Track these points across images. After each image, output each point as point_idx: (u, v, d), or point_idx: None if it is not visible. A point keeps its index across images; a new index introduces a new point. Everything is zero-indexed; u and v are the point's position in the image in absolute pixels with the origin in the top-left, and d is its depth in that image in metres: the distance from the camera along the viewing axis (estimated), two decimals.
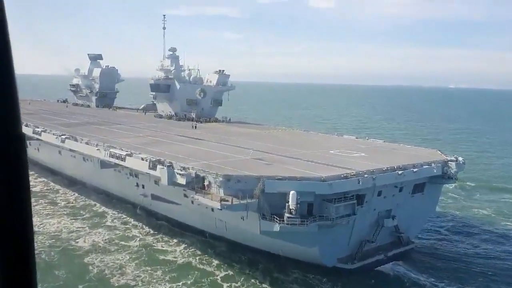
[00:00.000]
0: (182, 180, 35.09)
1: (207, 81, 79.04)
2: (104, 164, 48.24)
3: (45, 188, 59.04)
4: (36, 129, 58.86)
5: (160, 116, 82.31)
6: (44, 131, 57.45)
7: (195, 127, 66.20)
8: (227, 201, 32.42)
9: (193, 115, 77.47)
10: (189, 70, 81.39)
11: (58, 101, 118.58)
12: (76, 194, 55.10)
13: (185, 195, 39.67)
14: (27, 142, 68.61)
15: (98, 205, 51.71)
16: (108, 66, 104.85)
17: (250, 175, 34.05)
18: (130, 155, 42.18)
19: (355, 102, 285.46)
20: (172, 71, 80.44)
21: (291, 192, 31.83)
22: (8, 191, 1.90)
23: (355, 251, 38.73)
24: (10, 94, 1.88)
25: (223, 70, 77.93)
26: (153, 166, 38.71)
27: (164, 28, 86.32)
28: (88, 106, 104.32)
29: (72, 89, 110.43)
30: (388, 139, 65.09)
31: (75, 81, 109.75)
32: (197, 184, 35.51)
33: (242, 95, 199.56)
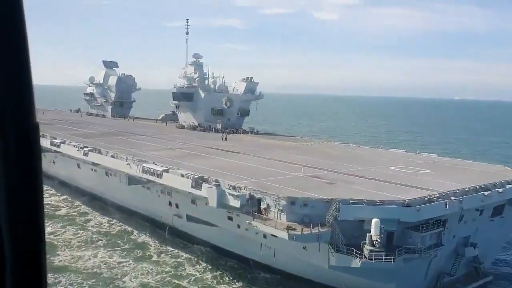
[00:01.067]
0: (235, 203, 29.62)
1: (233, 89, 73.83)
2: (132, 180, 42.99)
3: (72, 211, 51.70)
4: (54, 140, 53.68)
5: (182, 127, 77.07)
6: (63, 143, 52.25)
7: (225, 138, 60.82)
8: (295, 229, 26.86)
9: (219, 125, 72.17)
10: (214, 77, 76.28)
11: (70, 110, 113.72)
12: (107, 218, 48.60)
13: (230, 218, 34.17)
14: (42, 154, 63.07)
15: (135, 232, 45.12)
16: (124, 74, 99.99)
17: (319, 198, 28.53)
18: (167, 171, 36.80)
19: (369, 113, 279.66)
20: (196, 79, 75.34)
21: (374, 220, 26.26)
22: (20, 180, 1.84)
23: (432, 286, 33.03)
24: (26, 83, 1.82)
25: (251, 78, 72.75)
26: (196, 185, 33.31)
27: (187, 33, 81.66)
28: (103, 116, 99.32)
29: (86, 98, 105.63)
30: (424, 151, 58.49)
31: (89, 89, 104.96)
32: (252, 207, 30.02)
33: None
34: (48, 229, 42.66)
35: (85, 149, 47.11)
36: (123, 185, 45.01)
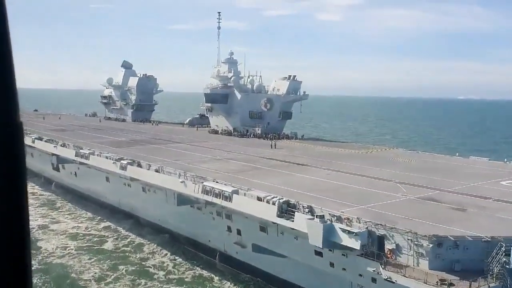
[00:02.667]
0: (352, 242, 21.77)
1: (273, 89, 65.88)
2: (183, 200, 35.34)
3: (121, 244, 41.05)
4: (81, 151, 46.01)
5: (216, 132, 69.27)
6: (93, 154, 44.54)
7: (275, 146, 52.93)
8: (452, 285, 18.92)
9: (259, 130, 64.35)
10: (251, 76, 68.47)
11: (86, 115, 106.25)
12: (166, 251, 38.90)
13: (319, 253, 26.30)
14: (61, 165, 56.56)
15: (197, 267, 36.84)
16: (146, 74, 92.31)
17: (476, 236, 20.59)
18: (236, 192, 29.01)
19: (390, 114, 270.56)
20: (232, 79, 67.54)
21: None
22: (2, 181, 1.80)
23: None
24: (8, 81, 1.80)
25: (295, 76, 64.79)
26: (285, 212, 25.49)
27: (218, 28, 73.77)
28: (124, 120, 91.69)
29: (103, 101, 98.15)
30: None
31: (106, 92, 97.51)
32: (372, 247, 22.13)
33: None
34: (96, 270, 34.66)
35: (122, 161, 39.32)
36: (170, 205, 37.39)
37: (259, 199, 27.68)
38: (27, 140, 58.15)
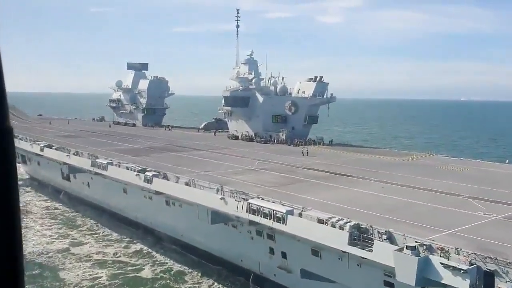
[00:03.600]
0: (458, 282, 17.42)
1: (298, 91, 61.54)
2: (218, 218, 31.06)
3: (159, 270, 35.35)
4: (97, 160, 41.71)
5: (236, 137, 64.95)
6: (111, 163, 40.24)
7: (307, 153, 48.58)
8: None
9: (283, 136, 60.00)
10: (272, 78, 64.14)
11: (93, 119, 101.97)
12: (211, 280, 34.08)
13: (389, 284, 21.94)
14: (72, 175, 52.20)
15: None
16: (157, 76, 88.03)
17: None
18: (291, 212, 24.67)
19: (399, 116, 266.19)
20: (253, 80, 63.26)
21: None
22: None
23: None
24: None
25: (321, 77, 60.44)
26: (357, 239, 21.14)
27: (237, 26, 69.54)
28: (134, 124, 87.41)
29: (112, 105, 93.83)
30: None
31: (115, 95, 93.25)
32: (478, 286, 17.76)
33: None
34: None
35: (147, 174, 34.96)
36: (201, 222, 33.10)
37: (320, 221, 23.32)
38: (35, 148, 53.86)
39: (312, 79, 60.88)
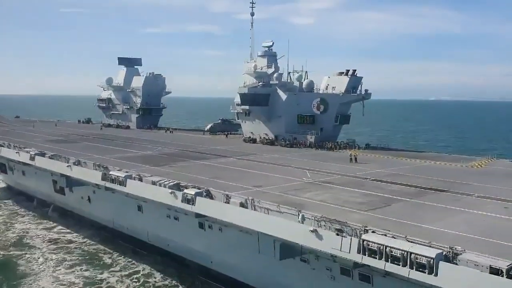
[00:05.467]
0: None
1: (327, 87, 53.75)
2: (289, 252, 23.20)
3: None
4: (111, 173, 33.01)
5: (252, 140, 56.83)
6: (130, 177, 31.62)
7: (355, 159, 40.87)
8: None
9: (311, 138, 52.18)
10: (295, 72, 56.24)
11: (79, 121, 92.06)
12: None
13: None
14: (68, 188, 43.08)
15: None
16: (153, 73, 78.95)
17: None
18: (440, 256, 16.77)
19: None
20: (274, 75, 55.22)
21: None
22: None
23: None
24: None
25: (355, 70, 52.76)
26: None
27: (252, 14, 61.36)
28: (128, 127, 78.21)
29: (101, 105, 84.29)
30: None
31: (104, 94, 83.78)
32: None
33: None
34: None
35: (186, 192, 26.52)
36: (262, 255, 25.09)
37: (494, 271, 15.53)
38: (24, 157, 44.61)
39: (343, 72, 53.16)
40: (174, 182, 28.67)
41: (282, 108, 54.12)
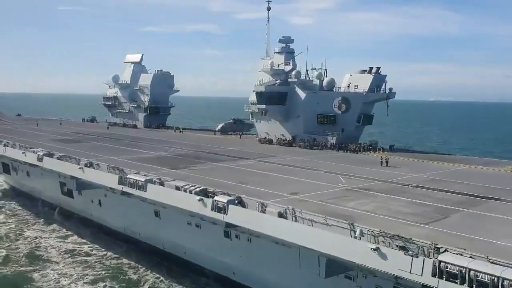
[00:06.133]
0: None
1: (348, 85, 51.04)
2: (335, 268, 20.72)
3: None
4: (129, 177, 30.25)
5: (268, 141, 54.14)
6: (151, 181, 28.85)
7: (386, 163, 38.18)
8: None
9: (333, 139, 49.49)
10: (314, 69, 53.48)
11: (83, 120, 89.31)
12: None
13: None
14: (77, 191, 40.20)
15: None
16: (161, 70, 76.18)
17: None
18: None
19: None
20: (293, 73, 52.47)
21: None
22: None
23: None
24: None
25: (378, 68, 50.05)
26: None
27: (268, 8, 58.59)
28: (135, 126, 75.43)
29: (106, 103, 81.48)
30: None
31: (110, 92, 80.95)
32: None
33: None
34: None
35: (218, 200, 23.75)
36: (302, 270, 22.45)
37: None
38: (31, 158, 41.85)
39: (366, 70, 50.46)
40: (201, 188, 25.93)
41: (301, 107, 51.37)
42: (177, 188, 26.95)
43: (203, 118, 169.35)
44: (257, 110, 54.96)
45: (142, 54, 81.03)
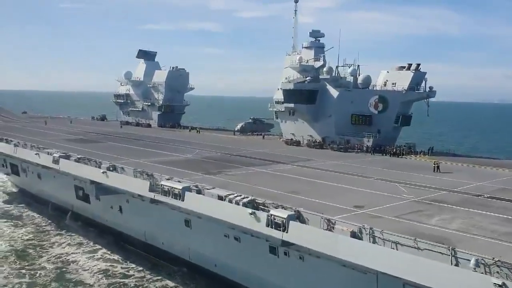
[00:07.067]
0: None
1: (385, 83, 47.31)
2: None
3: None
4: (162, 183, 26.63)
5: (297, 143, 50.46)
6: (188, 189, 25.17)
7: (438, 169, 34.40)
8: None
9: (369, 142, 45.78)
10: (347, 66, 49.73)
11: (93, 118, 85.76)
12: None
13: None
14: (95, 197, 36.19)
15: None
16: (176, 67, 72.55)
17: None
18: None
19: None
20: (324, 69, 48.76)
21: None
22: None
23: None
24: None
25: (418, 65, 46.29)
26: None
27: (296, 1, 54.86)
28: (149, 125, 71.81)
29: (118, 101, 77.85)
30: None
31: (122, 89, 77.34)
32: None
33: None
34: None
35: (275, 214, 20.08)
36: None
37: None
38: (45, 160, 38.22)
39: (404, 67, 46.75)
40: (249, 198, 22.25)
41: (333, 106, 47.68)
42: (220, 198, 23.28)
43: (210, 117, 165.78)
44: (283, 109, 51.32)
45: (156, 52, 77.58)
